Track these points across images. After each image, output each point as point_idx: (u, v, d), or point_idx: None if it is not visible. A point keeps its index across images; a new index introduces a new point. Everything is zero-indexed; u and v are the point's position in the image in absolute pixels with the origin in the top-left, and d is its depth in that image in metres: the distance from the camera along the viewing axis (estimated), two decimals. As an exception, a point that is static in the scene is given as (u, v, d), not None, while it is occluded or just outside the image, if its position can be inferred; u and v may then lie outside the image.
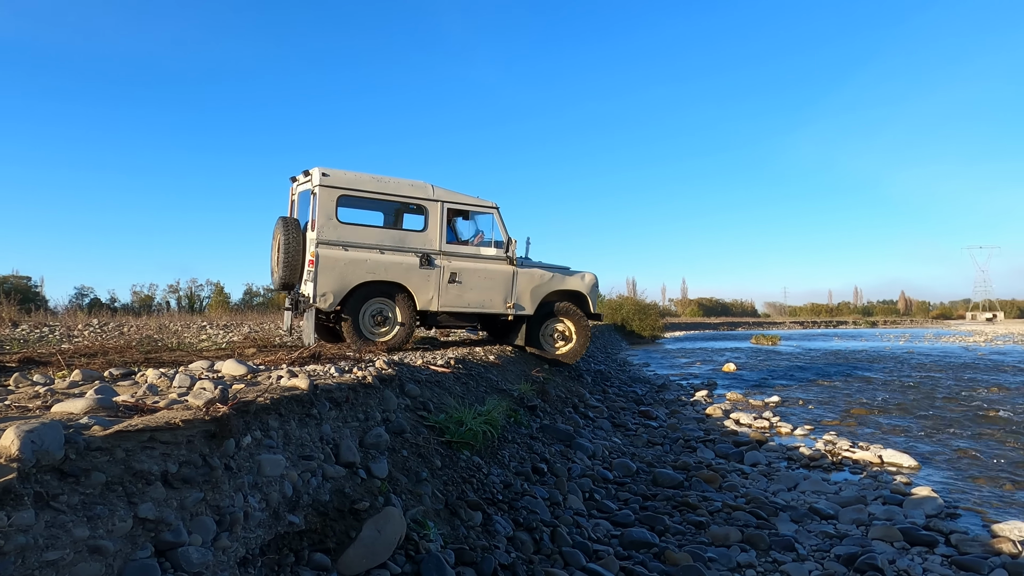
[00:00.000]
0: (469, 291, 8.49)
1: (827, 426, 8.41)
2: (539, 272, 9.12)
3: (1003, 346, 27.80)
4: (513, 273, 8.82)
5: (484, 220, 8.96)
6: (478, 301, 8.60)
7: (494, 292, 8.71)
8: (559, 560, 3.26)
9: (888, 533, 4.27)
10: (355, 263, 7.72)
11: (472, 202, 8.65)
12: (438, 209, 8.30)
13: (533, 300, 9.06)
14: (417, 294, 8.10)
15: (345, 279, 7.67)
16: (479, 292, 8.58)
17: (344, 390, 3.02)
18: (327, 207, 7.64)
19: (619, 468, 5.43)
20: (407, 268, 8.03)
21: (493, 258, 8.69)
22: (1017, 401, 10.53)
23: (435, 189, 8.36)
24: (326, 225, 7.61)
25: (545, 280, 9.14)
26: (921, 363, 18.27)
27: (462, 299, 8.45)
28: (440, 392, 4.81)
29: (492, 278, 8.68)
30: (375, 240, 7.93)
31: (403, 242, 8.11)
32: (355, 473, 2.79)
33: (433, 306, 8.24)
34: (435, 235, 8.27)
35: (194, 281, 37.42)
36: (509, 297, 8.84)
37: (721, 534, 4.13)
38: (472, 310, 8.60)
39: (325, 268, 7.55)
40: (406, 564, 2.54)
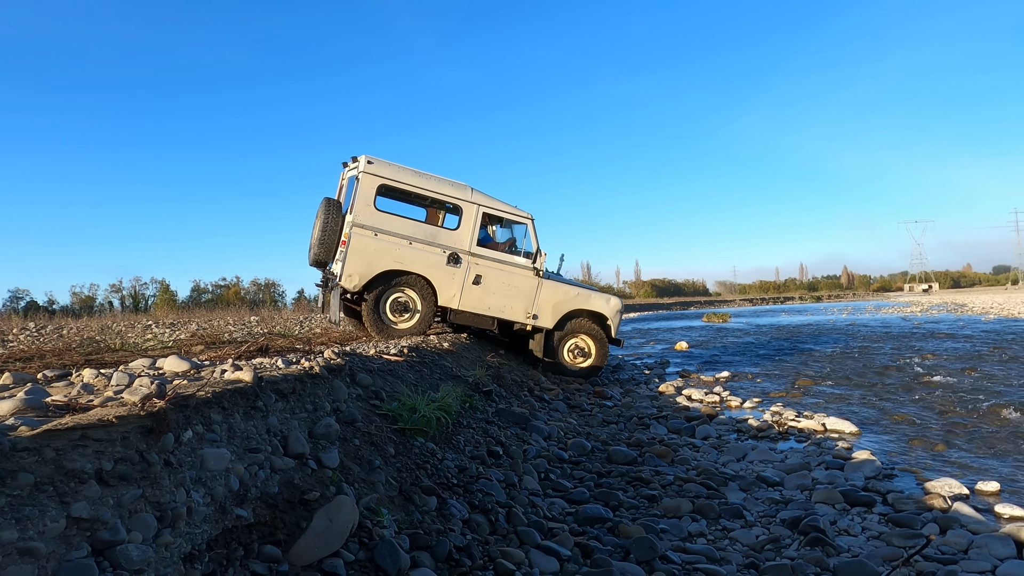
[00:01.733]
0: (491, 295, 8.66)
1: (774, 398, 8.69)
2: (564, 287, 9.27)
3: (937, 315, 29.17)
4: (538, 284, 8.96)
5: (518, 229, 9.15)
6: (499, 306, 8.77)
7: (516, 300, 8.87)
8: (515, 539, 3.31)
9: (830, 496, 4.47)
10: (384, 250, 7.95)
11: (508, 210, 8.83)
12: (473, 211, 8.50)
13: (554, 314, 9.16)
14: (440, 290, 8.31)
15: (372, 264, 7.91)
16: (501, 297, 8.75)
17: (291, 381, 2.98)
18: (367, 193, 7.91)
19: (574, 448, 5.51)
20: (433, 263, 8.24)
21: (520, 267, 8.84)
22: (949, 366, 11.08)
23: (473, 192, 8.58)
24: (363, 210, 7.88)
25: (569, 296, 9.26)
26: (862, 334, 19.02)
27: (483, 302, 8.63)
28: (393, 380, 4.78)
29: (516, 286, 8.83)
30: (407, 231, 8.15)
31: (434, 238, 8.31)
32: (305, 464, 2.77)
33: (454, 304, 8.45)
34: (466, 236, 8.46)
35: (138, 279, 36.14)
36: (530, 308, 8.98)
37: (673, 506, 4.25)
38: (491, 314, 8.76)
39: (355, 250, 7.81)
40: (360, 551, 2.54)
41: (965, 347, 14.23)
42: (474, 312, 8.65)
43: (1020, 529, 3.71)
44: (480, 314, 8.71)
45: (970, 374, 10.08)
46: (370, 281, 7.96)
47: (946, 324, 22.32)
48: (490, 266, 8.64)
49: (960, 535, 3.75)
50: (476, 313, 8.67)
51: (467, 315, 8.64)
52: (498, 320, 8.89)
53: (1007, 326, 20.15)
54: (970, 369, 10.55)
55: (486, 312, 8.73)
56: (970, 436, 6.26)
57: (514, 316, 8.94)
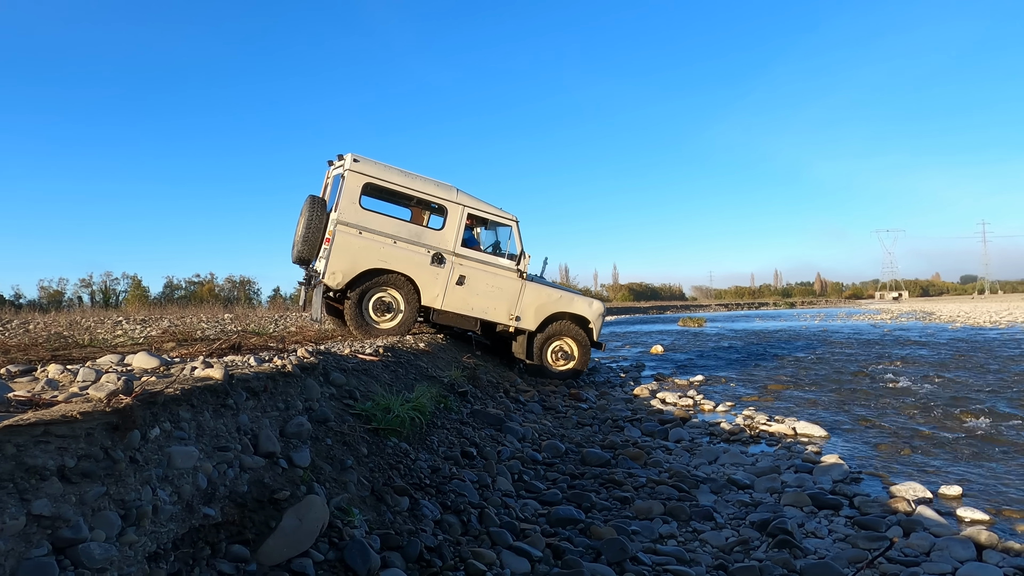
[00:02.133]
0: (474, 296, 8.70)
1: (747, 402, 8.80)
2: (547, 290, 9.36)
3: (906, 322, 29.79)
4: (521, 287, 9.02)
5: (502, 231, 9.20)
6: (482, 307, 8.80)
7: (499, 301, 8.91)
8: (486, 540, 3.31)
9: (798, 499, 4.54)
10: (367, 248, 7.97)
11: (493, 212, 8.87)
12: (458, 212, 8.53)
13: (537, 316, 9.23)
14: (423, 289, 8.33)
15: (356, 262, 7.92)
16: (484, 299, 8.78)
17: (263, 379, 2.95)
18: (352, 191, 7.92)
19: (548, 449, 5.53)
20: (417, 263, 8.27)
21: (504, 268, 8.88)
22: (917, 372, 11.32)
23: (459, 193, 8.62)
24: (348, 208, 7.89)
25: (552, 299, 9.35)
26: (834, 340, 19.35)
27: (466, 302, 8.67)
28: (367, 380, 4.75)
29: (499, 287, 8.87)
30: (392, 230, 8.16)
31: (419, 237, 8.34)
32: (275, 463, 2.74)
33: (437, 304, 8.48)
34: (451, 236, 8.49)
35: (109, 275, 35.50)
36: (513, 309, 9.04)
37: (645, 508, 4.28)
38: (474, 315, 8.79)
39: (339, 248, 7.81)
40: (329, 551, 2.52)
41: (932, 354, 14.55)
42: (457, 312, 8.66)
43: (980, 532, 3.81)
44: (463, 315, 8.73)
45: (936, 381, 10.30)
46: (353, 279, 7.95)
47: (915, 332, 22.79)
48: (474, 267, 8.67)
49: (923, 537, 3.83)
50: (459, 314, 8.69)
51: (450, 315, 8.65)
52: (481, 321, 8.91)
53: (972, 334, 20.64)
54: (936, 376, 10.78)
55: (469, 313, 8.76)
56: (935, 441, 6.40)
57: (497, 317, 8.98)
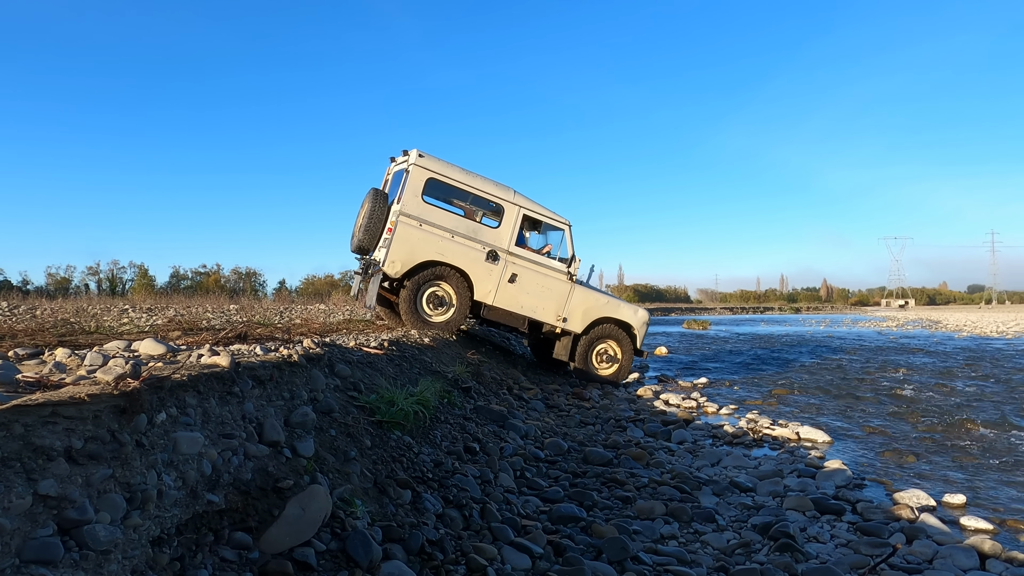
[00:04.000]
0: (525, 294, 8.93)
1: (750, 406, 8.78)
2: (595, 294, 9.59)
3: (912, 330, 29.65)
4: (570, 289, 9.23)
5: (554, 235, 9.43)
6: (531, 306, 9.03)
7: (548, 302, 9.13)
8: (488, 535, 3.31)
9: (801, 503, 4.52)
10: (426, 240, 8.25)
11: (548, 214, 9.11)
12: (515, 212, 8.80)
13: (584, 319, 9.39)
14: (477, 284, 8.60)
15: (415, 252, 8.21)
16: (534, 298, 9.02)
17: (268, 368, 2.95)
18: (415, 185, 8.23)
19: (551, 447, 5.52)
20: (473, 258, 8.54)
21: (555, 270, 9.12)
22: (922, 380, 11.27)
23: (516, 194, 8.90)
24: (411, 201, 8.20)
25: (599, 304, 9.54)
26: (839, 346, 19.28)
27: (517, 300, 8.91)
28: (372, 373, 4.76)
29: (549, 288, 9.10)
30: (450, 225, 8.44)
31: (476, 234, 8.60)
32: (279, 452, 2.74)
33: (489, 299, 8.73)
34: (506, 235, 8.76)
35: (116, 263, 35.64)
36: (561, 311, 9.24)
37: (646, 507, 4.27)
38: (523, 313, 9.02)
39: (399, 238, 8.10)
40: (332, 541, 2.53)
41: (938, 363, 14.48)
42: (507, 310, 8.89)
43: (984, 541, 3.78)
44: (513, 312, 8.95)
45: (941, 389, 10.25)
46: (411, 269, 8.22)
47: (921, 340, 22.68)
48: (526, 266, 8.91)
49: (926, 545, 3.81)
50: (509, 311, 8.92)
51: (500, 312, 8.89)
52: (529, 320, 9.12)
53: (979, 344, 20.53)
54: (942, 384, 10.73)
55: (519, 311, 8.98)
56: (940, 449, 6.37)
57: (545, 317, 9.18)
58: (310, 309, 20.18)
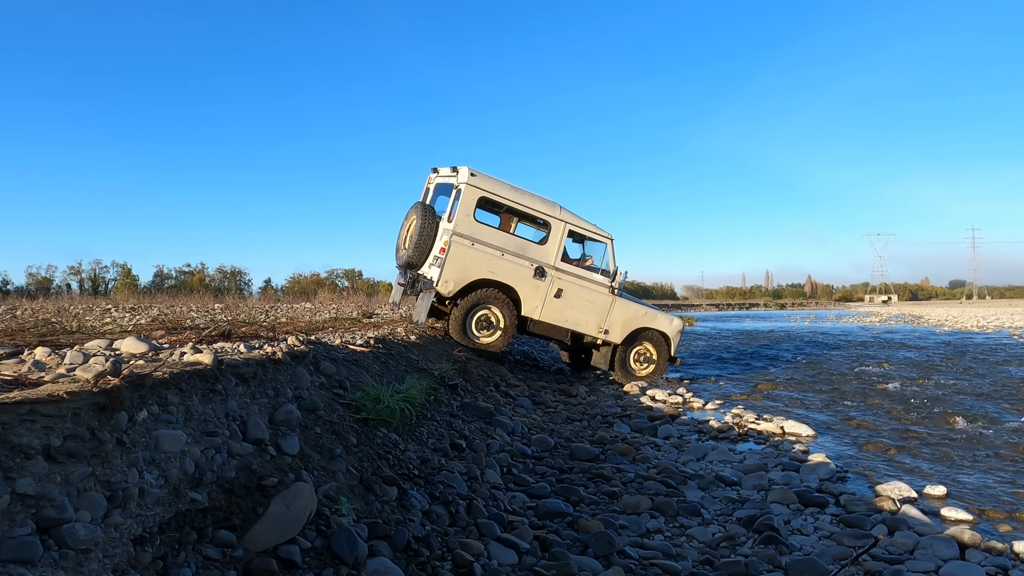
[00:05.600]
0: (569, 309, 9.14)
1: (736, 400, 8.84)
2: (634, 306, 9.78)
3: (895, 326, 30.02)
4: (612, 302, 9.44)
5: (597, 248, 9.58)
6: (575, 319, 9.24)
7: (591, 315, 9.33)
8: (474, 531, 3.31)
9: (785, 496, 4.56)
10: (479, 260, 8.43)
11: (591, 228, 9.31)
12: (561, 228, 8.99)
13: (623, 330, 9.63)
14: (524, 301, 8.81)
15: (468, 272, 8.38)
16: (578, 311, 9.22)
17: (252, 366, 2.93)
18: (468, 204, 8.33)
19: (537, 443, 5.53)
20: (521, 275, 8.73)
21: (598, 284, 9.33)
22: (904, 375, 11.41)
23: (562, 210, 9.07)
24: (463, 220, 8.31)
25: (638, 315, 9.76)
26: (823, 342, 19.47)
27: (561, 314, 9.11)
28: (358, 371, 4.74)
29: (593, 302, 9.30)
30: (500, 243, 8.63)
31: (524, 251, 8.79)
32: (264, 450, 2.73)
33: (535, 315, 8.95)
34: (553, 251, 8.96)
35: (98, 262, 35.21)
36: (603, 323, 9.45)
37: (632, 502, 4.30)
38: (567, 326, 9.24)
39: (453, 258, 8.24)
40: (317, 539, 2.52)
41: (920, 357, 14.67)
42: (552, 324, 9.11)
43: (964, 532, 3.84)
44: (557, 326, 9.17)
45: (923, 383, 10.39)
46: (463, 288, 8.41)
47: (903, 335, 22.96)
48: (571, 281, 9.11)
49: (907, 536, 3.87)
50: (553, 324, 9.14)
51: (545, 326, 9.11)
52: (572, 332, 9.36)
53: (960, 338, 20.81)
54: (923, 378, 10.87)
55: (563, 324, 9.19)
56: (921, 442, 6.46)
57: (587, 330, 9.39)
58: (296, 308, 20.03)
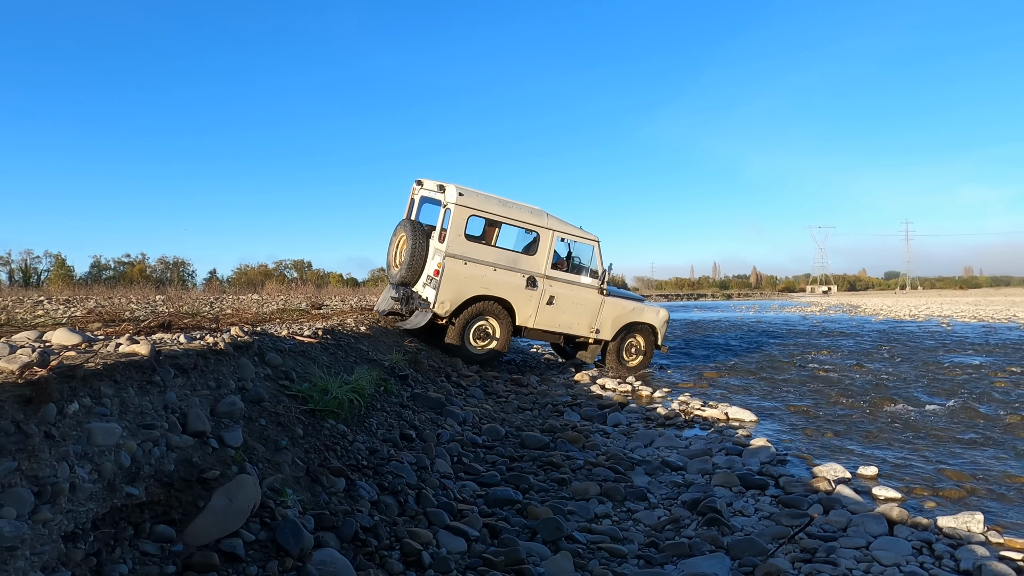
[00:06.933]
0: (561, 313, 9.37)
1: (683, 388, 9.05)
2: (623, 303, 10.03)
3: (834, 315, 31.19)
4: (601, 302, 9.67)
5: (584, 249, 9.71)
6: (567, 323, 9.49)
7: (582, 317, 9.59)
8: (423, 520, 3.31)
9: (728, 479, 4.71)
10: (472, 277, 8.55)
11: (578, 233, 9.49)
12: (549, 237, 9.13)
13: (613, 327, 9.94)
14: (518, 311, 8.99)
15: (463, 290, 8.50)
16: (570, 315, 9.46)
17: (192, 356, 2.85)
18: (458, 224, 8.41)
19: (488, 433, 5.55)
20: (514, 286, 8.89)
21: (587, 286, 9.54)
22: (841, 362, 11.88)
23: (549, 218, 9.20)
24: (455, 240, 8.40)
25: (627, 311, 10.02)
26: (767, 330, 20.09)
27: (554, 320, 9.34)
28: (305, 362, 4.66)
29: (583, 304, 9.53)
30: (492, 258, 8.75)
31: (514, 263, 8.93)
32: (205, 442, 2.66)
33: (530, 323, 9.15)
34: (543, 259, 9.12)
35: (29, 252, 33.60)
36: (594, 323, 9.72)
37: (581, 488, 4.36)
38: (560, 330, 9.51)
39: (447, 279, 8.35)
40: (261, 531, 2.47)
41: (856, 345, 15.29)
42: (545, 330, 9.35)
43: (892, 509, 4.04)
44: (551, 331, 9.43)
45: (859, 369, 10.84)
46: (459, 307, 8.57)
47: (841, 323, 23.89)
48: (562, 287, 9.33)
49: (841, 515, 4.04)
50: (547, 330, 9.39)
51: (538, 332, 9.37)
52: (564, 335, 9.67)
53: (894, 327, 21.78)
54: (859, 365, 11.34)
55: (556, 329, 9.44)
56: (855, 425, 6.75)
57: (579, 331, 9.67)
58: (243, 299, 19.53)
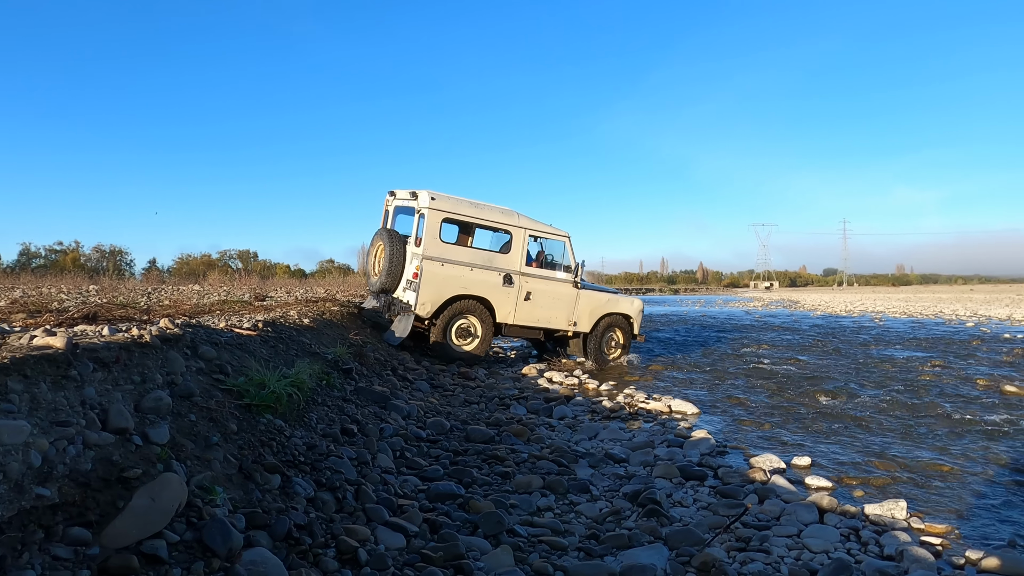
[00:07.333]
0: (539, 308, 9.64)
1: (628, 381, 9.18)
2: (598, 295, 10.33)
3: (775, 310, 32.21)
4: (577, 295, 9.97)
5: (556, 245, 10.05)
6: (545, 317, 9.76)
7: (560, 311, 9.87)
8: (362, 517, 3.24)
9: (668, 471, 4.79)
10: (450, 278, 8.84)
11: (548, 230, 9.80)
12: (522, 235, 9.44)
13: (591, 319, 10.18)
14: (498, 308, 9.26)
15: (442, 291, 8.79)
16: (547, 310, 9.74)
17: (114, 350, 2.71)
18: (433, 228, 8.71)
19: (433, 426, 5.50)
20: (492, 285, 9.17)
21: (562, 281, 9.85)
22: (781, 355, 12.26)
23: (520, 217, 9.51)
24: (431, 243, 8.69)
25: (602, 302, 10.31)
26: (711, 325, 20.58)
27: (532, 315, 9.61)
28: (242, 355, 4.51)
29: (560, 298, 9.83)
30: (468, 259, 9.05)
31: (490, 262, 9.23)
32: (128, 440, 2.53)
33: (509, 319, 9.40)
34: (517, 257, 9.42)
35: (-51, 239, 31.75)
36: (571, 316, 10.00)
37: (525, 482, 4.36)
38: (539, 325, 9.76)
39: (426, 281, 8.64)
40: (187, 531, 2.37)
41: (796, 339, 15.81)
42: (524, 325, 9.60)
43: (823, 498, 4.18)
44: (530, 326, 9.69)
45: (797, 363, 11.21)
46: (439, 307, 8.82)
47: (782, 318, 24.67)
48: (538, 282, 9.62)
49: (775, 504, 4.16)
50: (526, 326, 9.64)
51: (518, 328, 9.61)
52: (544, 330, 9.91)
53: (831, 321, 22.64)
54: (797, 358, 11.73)
55: (535, 324, 9.70)
56: (792, 417, 6.97)
57: (558, 325, 9.95)
58: (182, 290, 18.86)
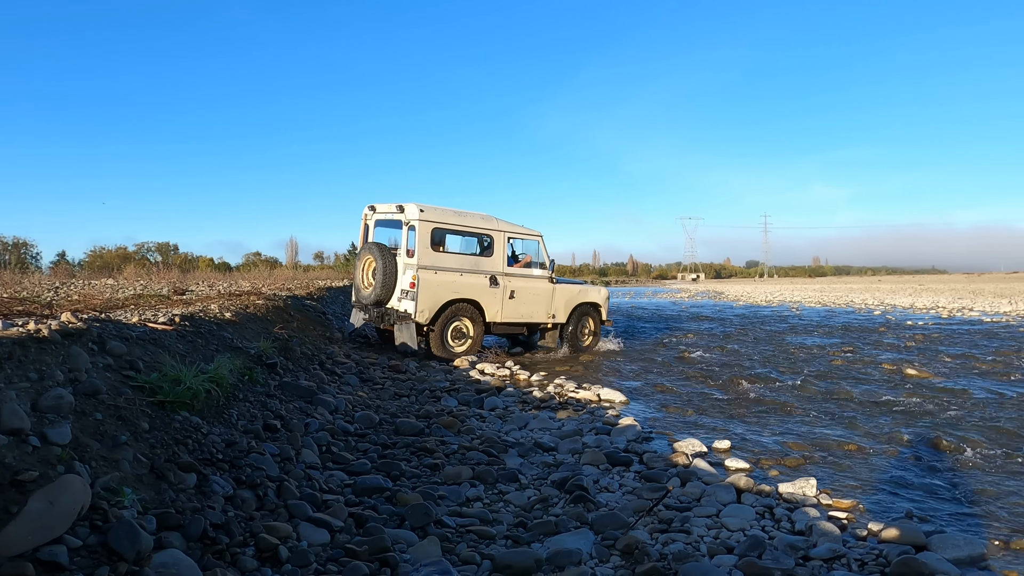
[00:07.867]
0: (522, 305, 10.34)
1: (559, 372, 9.30)
2: (571, 287, 11.19)
3: (701, 300, 33.38)
4: (553, 289, 10.75)
5: (531, 245, 10.75)
6: (528, 313, 10.47)
7: (540, 305, 10.62)
8: (284, 513, 3.16)
9: (595, 458, 4.88)
10: (444, 284, 9.41)
11: (524, 231, 10.54)
12: (502, 238, 10.13)
13: (566, 310, 11.03)
14: (487, 309, 9.88)
15: (437, 298, 9.35)
16: (529, 305, 10.44)
17: (7, 345, 2.52)
18: (424, 239, 9.22)
19: (361, 420, 5.41)
20: (480, 287, 9.77)
21: (539, 278, 10.57)
22: (705, 344, 12.71)
23: (499, 221, 10.18)
24: (424, 253, 9.21)
25: (575, 294, 11.16)
26: (640, 315, 21.10)
27: (517, 311, 10.29)
28: (156, 351, 4.29)
29: (539, 294, 10.55)
30: (457, 264, 9.62)
31: (477, 266, 9.84)
32: (24, 441, 2.37)
33: (497, 318, 10.02)
34: (500, 260, 10.08)
35: None
36: (550, 309, 10.78)
37: (454, 473, 4.36)
38: (523, 320, 10.50)
39: (423, 289, 9.17)
40: (91, 535, 2.24)
41: (719, 328, 16.41)
42: (510, 322, 10.24)
43: (741, 479, 4.36)
44: (515, 322, 10.36)
45: (720, 351, 11.65)
46: (436, 312, 9.36)
47: (707, 309, 25.57)
48: (519, 281, 10.28)
49: (696, 486, 4.31)
50: (512, 322, 10.30)
51: (504, 325, 10.27)
52: (527, 324, 10.68)
53: (752, 311, 23.61)
54: (720, 347, 12.19)
55: (519, 320, 10.37)
56: (715, 403, 7.23)
57: (539, 319, 10.68)
58: (95, 284, 17.78)
